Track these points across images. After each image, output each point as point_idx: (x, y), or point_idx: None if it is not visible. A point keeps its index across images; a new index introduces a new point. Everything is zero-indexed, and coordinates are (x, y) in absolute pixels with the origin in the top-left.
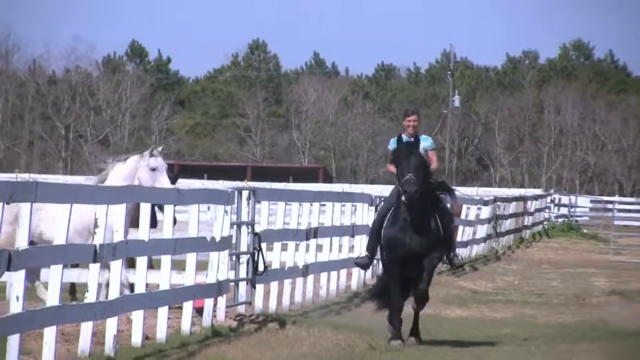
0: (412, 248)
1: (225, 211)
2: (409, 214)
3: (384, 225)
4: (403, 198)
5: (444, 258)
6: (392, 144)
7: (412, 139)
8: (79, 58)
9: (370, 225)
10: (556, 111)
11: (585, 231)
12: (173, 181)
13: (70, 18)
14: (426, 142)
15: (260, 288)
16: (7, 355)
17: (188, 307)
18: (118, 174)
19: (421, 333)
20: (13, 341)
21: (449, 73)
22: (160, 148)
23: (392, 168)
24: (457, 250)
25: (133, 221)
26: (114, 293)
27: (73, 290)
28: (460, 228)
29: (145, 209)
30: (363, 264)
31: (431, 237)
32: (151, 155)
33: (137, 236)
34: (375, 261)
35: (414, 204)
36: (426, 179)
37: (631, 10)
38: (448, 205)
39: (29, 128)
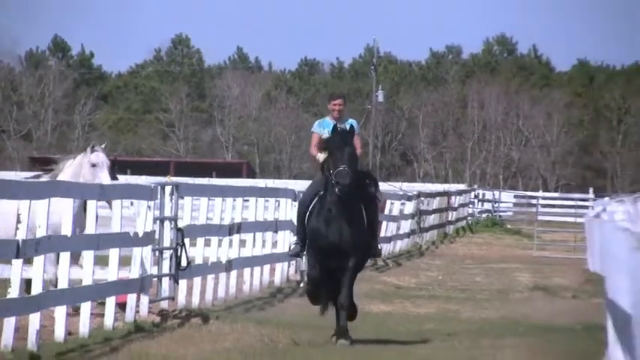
0: (336, 242)
1: (149, 207)
2: (337, 205)
3: (308, 214)
4: (337, 190)
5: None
6: (316, 127)
7: (347, 128)
8: (2, 53)
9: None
10: (480, 106)
11: (509, 226)
12: (113, 177)
13: None
14: (351, 126)
15: (183, 283)
16: None
17: (111, 302)
18: (67, 171)
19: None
20: None
21: (372, 67)
22: (103, 145)
23: (316, 152)
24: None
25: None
26: (36, 289)
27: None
28: (384, 223)
29: (91, 206)
30: (296, 252)
31: (355, 230)
32: (93, 151)
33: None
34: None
35: (344, 196)
36: (357, 168)
37: (554, 5)
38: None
39: None
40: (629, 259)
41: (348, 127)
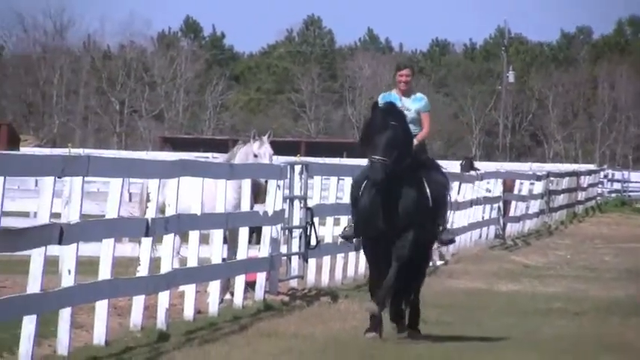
0: (384, 225)
1: (278, 186)
2: (380, 188)
3: (359, 195)
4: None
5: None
6: (380, 102)
7: (390, 103)
8: (134, 34)
9: None
10: (610, 86)
11: (638, 206)
12: None
13: None
14: (419, 103)
15: (312, 262)
16: (59, 329)
17: (240, 280)
18: (237, 158)
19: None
20: (65, 314)
21: (503, 48)
22: (267, 135)
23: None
24: (449, 225)
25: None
26: (166, 267)
27: None
28: (513, 203)
29: (245, 186)
30: (349, 235)
31: (410, 209)
32: (255, 140)
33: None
34: None
35: (386, 186)
36: (405, 156)
37: None
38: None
39: (84, 103)
40: None
41: (416, 103)
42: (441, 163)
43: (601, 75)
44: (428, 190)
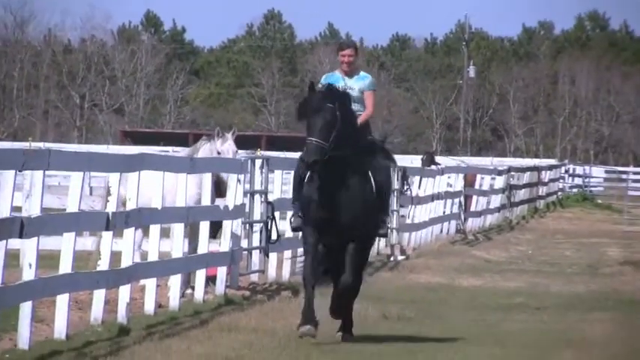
0: (329, 212)
1: (239, 180)
2: (324, 175)
3: (301, 181)
4: (302, 169)
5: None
6: (322, 82)
7: (329, 84)
8: (95, 28)
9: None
10: (571, 82)
11: (599, 201)
12: None
13: None
14: (363, 82)
15: (273, 257)
16: (19, 322)
17: (201, 275)
18: (200, 154)
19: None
20: (26, 308)
21: (464, 43)
22: (231, 132)
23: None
24: (389, 217)
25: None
26: (126, 261)
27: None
28: (474, 198)
29: (206, 181)
30: (298, 225)
31: (355, 199)
32: (219, 138)
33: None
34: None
35: (327, 168)
36: (347, 138)
37: None
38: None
39: (44, 97)
40: None
41: (360, 82)
42: (402, 157)
43: (562, 70)
44: (372, 180)
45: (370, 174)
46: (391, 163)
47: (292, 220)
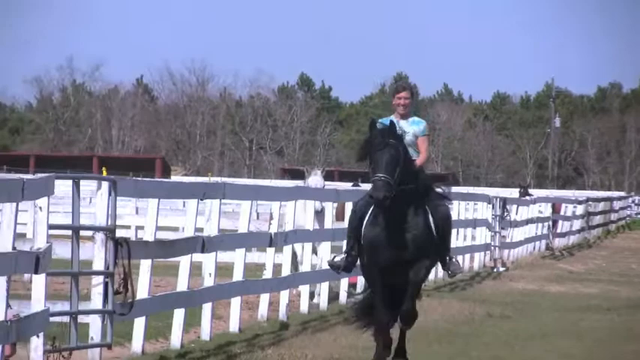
0: (397, 254)
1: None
2: (387, 216)
3: (365, 223)
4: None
5: (439, 263)
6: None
7: (387, 125)
8: (260, 87)
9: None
10: (637, 131)
11: None
12: None
13: (253, 54)
14: (417, 127)
15: None
16: (202, 319)
17: (344, 282)
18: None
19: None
20: (207, 308)
21: (551, 100)
22: (319, 170)
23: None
24: (455, 256)
25: (338, 215)
26: (286, 271)
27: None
28: (559, 222)
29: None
30: (338, 265)
31: (419, 239)
32: (310, 174)
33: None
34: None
35: (391, 207)
36: (408, 176)
37: None
38: (445, 201)
39: (221, 141)
40: None
41: (414, 126)
42: (502, 190)
43: (629, 121)
44: (432, 223)
45: (430, 216)
46: (448, 202)
47: (337, 259)
